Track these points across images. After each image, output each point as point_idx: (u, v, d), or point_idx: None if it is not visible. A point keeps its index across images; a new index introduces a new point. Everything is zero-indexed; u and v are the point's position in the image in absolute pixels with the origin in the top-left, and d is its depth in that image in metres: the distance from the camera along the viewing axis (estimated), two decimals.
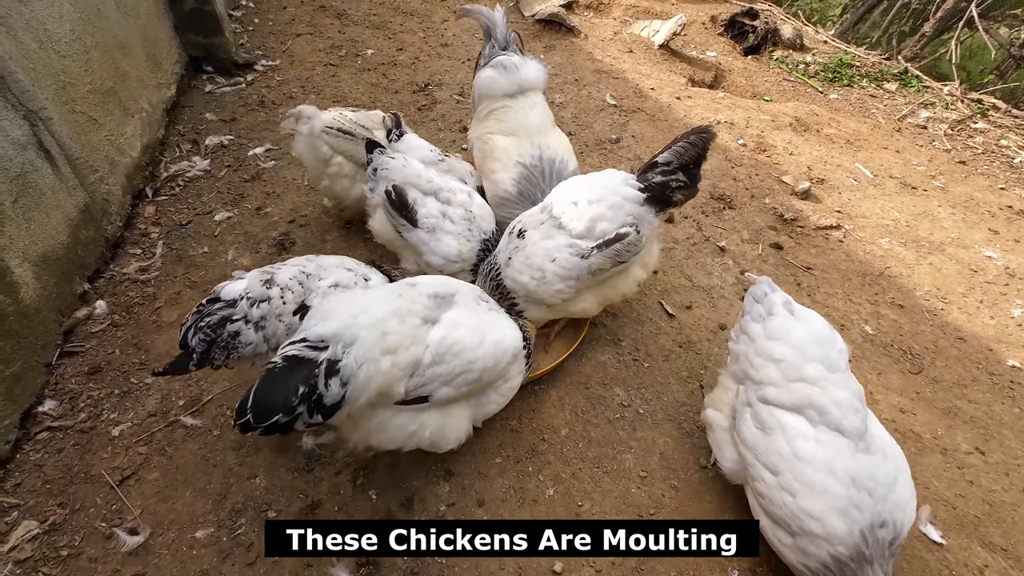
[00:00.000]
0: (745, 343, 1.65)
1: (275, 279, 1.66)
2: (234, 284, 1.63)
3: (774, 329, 1.58)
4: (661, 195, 1.78)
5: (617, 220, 1.78)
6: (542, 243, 1.83)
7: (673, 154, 1.74)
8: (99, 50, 2.62)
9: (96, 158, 2.48)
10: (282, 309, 1.62)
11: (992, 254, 3.01)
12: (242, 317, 1.55)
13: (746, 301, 1.72)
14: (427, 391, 1.48)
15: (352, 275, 1.80)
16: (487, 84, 2.48)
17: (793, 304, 1.64)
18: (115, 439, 1.83)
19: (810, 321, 1.59)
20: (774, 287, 1.69)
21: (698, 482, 1.84)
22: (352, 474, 1.78)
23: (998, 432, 2.08)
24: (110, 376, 2.01)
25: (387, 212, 2.17)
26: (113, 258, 2.50)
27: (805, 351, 1.51)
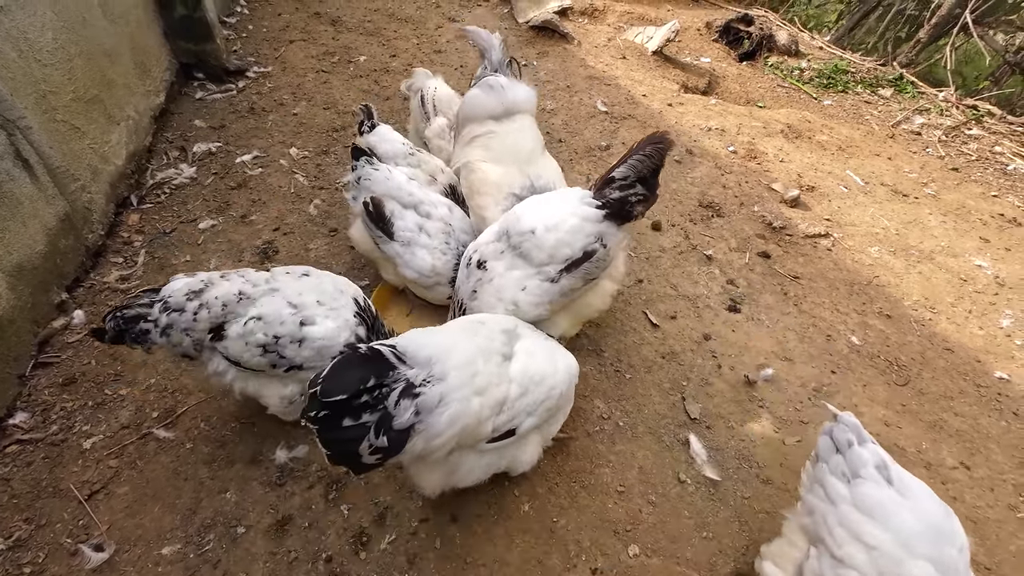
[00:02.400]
0: (822, 499, 1.36)
1: (204, 293, 1.61)
2: (178, 281, 1.65)
3: (866, 501, 1.28)
4: (620, 211, 1.74)
5: (577, 243, 1.73)
6: (508, 274, 1.78)
7: (629, 168, 1.70)
8: (84, 58, 2.62)
9: (78, 167, 2.47)
10: (191, 325, 1.59)
11: (982, 263, 2.98)
12: (153, 321, 1.59)
13: (821, 442, 1.45)
14: (515, 424, 1.46)
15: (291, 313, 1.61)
16: (472, 104, 2.34)
17: (891, 468, 1.32)
18: (86, 452, 1.80)
19: (920, 501, 1.27)
20: (863, 435, 1.39)
21: (676, 497, 1.81)
22: (324, 488, 1.76)
23: (984, 446, 2.05)
24: (84, 387, 1.99)
25: (365, 223, 2.16)
26: (94, 267, 2.49)
27: (910, 544, 1.20)
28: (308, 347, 1.61)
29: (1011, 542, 1.78)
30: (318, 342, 1.61)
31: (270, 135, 3.53)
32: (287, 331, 1.59)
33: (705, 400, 2.13)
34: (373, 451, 1.18)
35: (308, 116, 3.74)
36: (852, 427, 1.41)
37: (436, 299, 2.25)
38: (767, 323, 2.51)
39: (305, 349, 1.60)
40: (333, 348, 1.64)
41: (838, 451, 1.39)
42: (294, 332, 1.60)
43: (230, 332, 1.60)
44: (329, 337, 1.62)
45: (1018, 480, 1.95)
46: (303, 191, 3.10)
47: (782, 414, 2.10)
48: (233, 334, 1.60)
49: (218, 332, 1.60)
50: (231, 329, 1.60)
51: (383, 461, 1.21)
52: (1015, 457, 2.02)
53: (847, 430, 1.41)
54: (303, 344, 1.60)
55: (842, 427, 1.42)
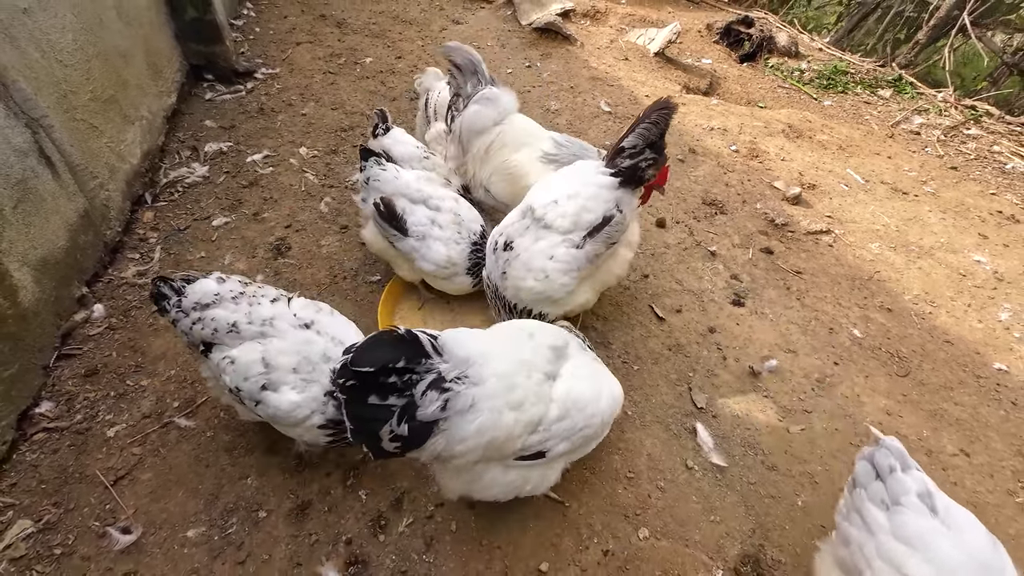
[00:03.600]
0: (860, 529, 1.28)
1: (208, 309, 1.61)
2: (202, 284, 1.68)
3: (908, 531, 1.19)
4: (633, 176, 1.85)
5: (599, 208, 1.84)
6: (535, 246, 1.88)
7: (638, 136, 1.80)
8: (101, 59, 2.68)
9: (96, 164, 2.53)
10: (187, 331, 1.63)
11: (981, 258, 3.03)
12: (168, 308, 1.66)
13: (859, 467, 1.36)
14: (547, 447, 1.40)
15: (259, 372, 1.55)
16: (476, 119, 2.40)
17: (936, 496, 1.24)
18: (110, 440, 1.85)
19: (965, 532, 1.19)
20: (907, 460, 1.30)
21: (684, 482, 1.86)
22: (342, 475, 1.81)
23: (983, 434, 2.10)
24: (106, 378, 2.05)
25: (377, 223, 2.21)
26: (112, 262, 2.54)
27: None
28: (263, 410, 1.58)
29: (1009, 525, 1.83)
30: (271, 410, 1.56)
31: (279, 135, 3.59)
32: (248, 389, 1.56)
33: (711, 390, 2.18)
34: (393, 438, 1.17)
35: (316, 116, 3.80)
36: (895, 452, 1.31)
37: (455, 289, 2.31)
38: (771, 316, 2.56)
39: (261, 410, 1.58)
40: (288, 419, 1.57)
41: (878, 477, 1.30)
42: (253, 392, 1.56)
43: (212, 356, 1.64)
44: (285, 411, 1.54)
45: (1016, 466, 2.00)
46: (314, 189, 3.16)
47: (786, 403, 2.15)
48: (212, 360, 1.64)
49: (206, 352, 1.65)
50: (213, 355, 1.63)
51: (402, 451, 1.21)
52: (1013, 445, 2.07)
53: (889, 455, 1.31)
54: (259, 406, 1.57)
55: (884, 452, 1.32)
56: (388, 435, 1.18)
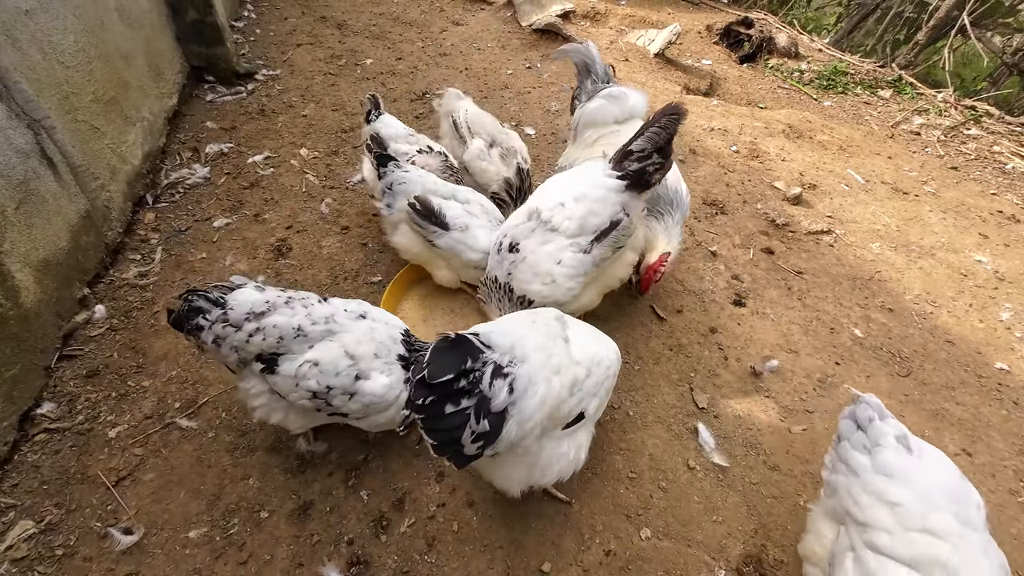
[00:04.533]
0: (845, 475, 1.40)
1: (265, 316, 1.53)
2: (246, 293, 1.56)
3: (888, 464, 1.32)
4: (640, 180, 1.85)
5: (605, 212, 1.84)
6: (542, 249, 1.87)
7: (647, 140, 1.80)
8: (102, 61, 2.69)
9: (98, 166, 2.53)
10: (242, 345, 1.52)
11: (982, 258, 3.04)
12: (209, 323, 1.52)
13: (843, 424, 1.48)
14: (584, 406, 1.50)
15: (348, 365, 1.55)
16: (597, 113, 2.53)
17: (911, 438, 1.37)
18: (111, 441, 1.85)
19: (938, 465, 1.33)
20: (884, 412, 1.43)
21: (686, 483, 1.86)
22: (344, 475, 1.81)
23: (985, 434, 2.10)
24: (108, 379, 2.05)
25: (413, 224, 2.18)
26: (113, 263, 2.55)
27: (932, 499, 1.25)
28: (358, 401, 1.57)
29: (1012, 525, 1.83)
30: (368, 397, 1.57)
31: (280, 136, 3.59)
32: (341, 383, 1.53)
33: (712, 390, 2.18)
34: (475, 438, 1.23)
35: (317, 118, 3.81)
36: (874, 405, 1.45)
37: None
38: (772, 316, 2.56)
39: (355, 402, 1.56)
40: (382, 405, 1.61)
41: (859, 428, 1.43)
42: (348, 385, 1.54)
43: (282, 369, 1.53)
44: (380, 395, 1.57)
45: (1018, 466, 2.00)
46: (314, 190, 3.16)
47: (788, 403, 2.15)
48: (285, 372, 1.53)
49: (271, 365, 1.54)
50: (284, 366, 1.53)
51: (483, 449, 1.25)
52: (1015, 444, 2.07)
53: (868, 408, 1.44)
54: (353, 398, 1.56)
55: (864, 406, 1.46)
56: (470, 437, 1.23)
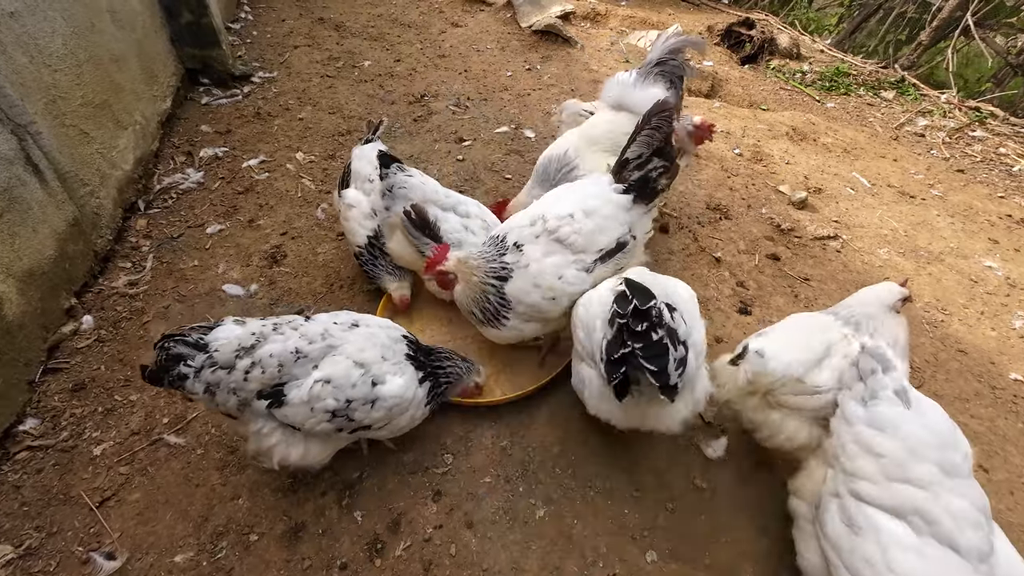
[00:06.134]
0: (838, 423, 1.43)
1: (257, 349, 1.43)
2: (227, 330, 1.46)
3: (879, 418, 1.35)
4: (645, 188, 1.77)
5: (613, 232, 1.77)
6: (545, 260, 1.78)
7: (642, 145, 1.72)
8: (92, 64, 2.63)
9: (87, 172, 2.47)
10: (240, 385, 1.42)
11: (992, 264, 2.97)
12: (195, 369, 1.39)
13: (848, 373, 1.50)
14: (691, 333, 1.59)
15: (361, 374, 1.50)
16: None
17: (910, 392, 1.39)
18: (96, 458, 1.79)
19: (928, 414, 1.35)
20: (889, 363, 1.43)
21: (693, 501, 1.79)
22: (337, 495, 1.74)
23: (1002, 448, 2.03)
24: (94, 393, 1.98)
25: (407, 232, 2.10)
26: (102, 272, 2.48)
27: (917, 450, 1.28)
28: (380, 407, 1.51)
29: None
30: (390, 400, 1.52)
31: (276, 140, 3.53)
32: (360, 394, 1.47)
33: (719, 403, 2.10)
34: (677, 365, 1.33)
35: (314, 121, 3.75)
36: (878, 356, 1.44)
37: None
38: None
39: (377, 410, 1.50)
40: (402, 405, 1.56)
41: (861, 379, 1.44)
42: (367, 394, 1.48)
43: (291, 398, 1.44)
44: (400, 394, 1.53)
45: None
46: (310, 195, 3.10)
47: None
48: (295, 400, 1.44)
49: (276, 398, 1.45)
50: (292, 394, 1.44)
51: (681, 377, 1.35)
52: None
53: (872, 359, 1.44)
54: (375, 405, 1.50)
55: (867, 356, 1.45)
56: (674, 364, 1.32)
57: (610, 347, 1.39)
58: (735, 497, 1.82)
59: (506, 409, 2.01)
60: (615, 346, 1.37)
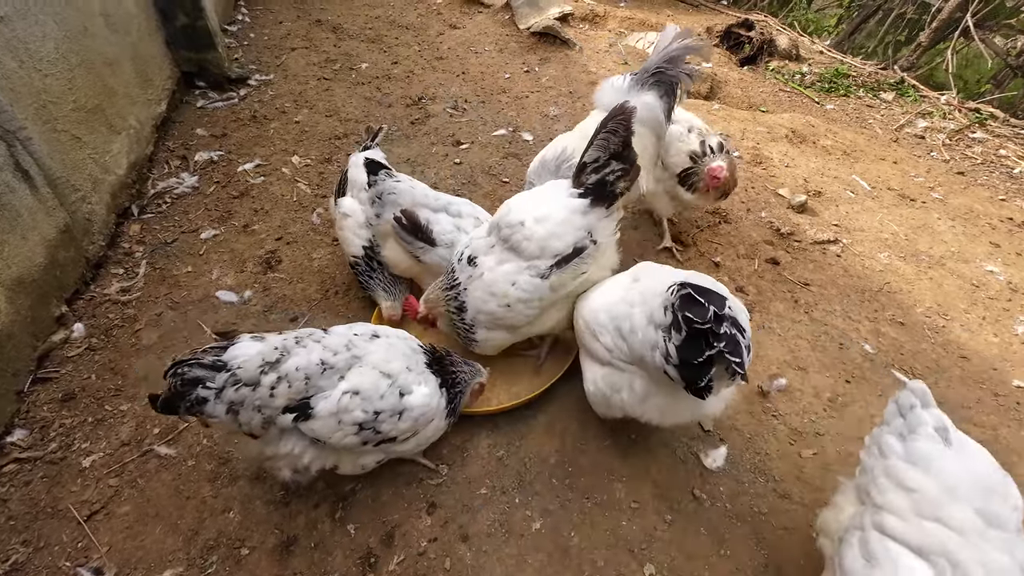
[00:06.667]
0: (875, 457, 1.37)
1: (282, 363, 1.40)
2: (247, 346, 1.41)
3: (916, 453, 1.27)
4: (603, 192, 1.73)
5: (568, 237, 1.73)
6: (499, 268, 1.77)
7: (598, 148, 1.68)
8: (85, 68, 2.60)
9: (79, 177, 2.44)
10: (266, 402, 1.38)
11: (994, 268, 2.94)
12: (216, 389, 1.34)
13: (888, 409, 1.44)
14: None
15: (388, 384, 1.49)
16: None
17: (951, 431, 1.30)
18: (85, 470, 1.76)
19: (971, 456, 1.27)
20: (928, 399, 1.37)
21: (692, 512, 1.76)
22: (331, 507, 1.71)
23: (1007, 459, 1.98)
24: (84, 403, 1.95)
25: (399, 238, 2.09)
26: (94, 278, 2.45)
27: (954, 490, 1.19)
28: (408, 418, 1.50)
29: None
30: (417, 411, 1.51)
31: (272, 143, 3.50)
32: (388, 405, 1.46)
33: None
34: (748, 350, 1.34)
35: (310, 124, 3.72)
36: (918, 392, 1.39)
37: None
38: (778, 331, 2.47)
39: (404, 421, 1.49)
40: (428, 415, 1.54)
41: (901, 415, 1.38)
42: (395, 405, 1.47)
43: (319, 410, 1.41)
44: (426, 404, 1.53)
45: None
46: (306, 199, 3.07)
47: (797, 425, 2.06)
48: (323, 412, 1.41)
49: (303, 411, 1.41)
50: (320, 406, 1.41)
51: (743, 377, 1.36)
52: None
53: (912, 395, 1.39)
54: (403, 416, 1.49)
55: (907, 393, 1.40)
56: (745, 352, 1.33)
57: (687, 351, 1.35)
58: (734, 508, 1.79)
59: (503, 418, 1.98)
60: (694, 350, 1.33)
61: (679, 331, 1.37)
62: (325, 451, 1.50)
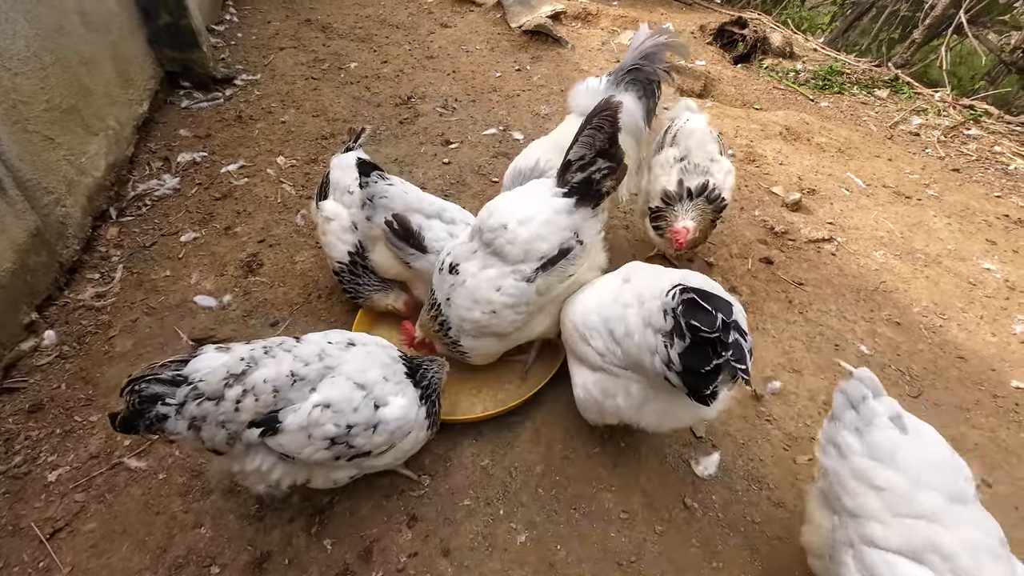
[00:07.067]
0: (834, 458, 1.33)
1: (249, 375, 1.33)
2: (210, 358, 1.34)
3: (877, 446, 1.26)
4: (588, 191, 1.66)
5: (554, 238, 1.66)
6: (483, 274, 1.69)
7: (584, 146, 1.62)
8: (59, 67, 2.53)
9: (52, 179, 2.37)
10: (231, 416, 1.31)
11: (991, 266, 2.90)
12: (177, 405, 1.28)
13: (837, 401, 1.40)
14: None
15: (363, 396, 1.42)
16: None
17: (906, 417, 1.31)
18: (50, 485, 1.68)
19: (924, 437, 1.28)
20: (879, 389, 1.35)
21: (683, 523, 1.70)
22: (307, 521, 1.64)
23: (1005, 460, 1.95)
24: (52, 414, 1.88)
25: (390, 243, 2.02)
26: (68, 284, 2.38)
27: (919, 478, 1.20)
28: (383, 431, 1.43)
29: None
30: (393, 424, 1.44)
31: (257, 144, 3.43)
32: (362, 418, 1.39)
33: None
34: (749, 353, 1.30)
35: (297, 124, 3.65)
36: (868, 381, 1.35)
37: None
38: (772, 332, 2.41)
39: (379, 435, 1.42)
40: (406, 427, 1.47)
41: (852, 407, 1.35)
42: (369, 418, 1.40)
43: (288, 424, 1.33)
44: (403, 416, 1.46)
45: None
46: (290, 201, 3.01)
47: (791, 430, 2.00)
48: (292, 426, 1.33)
49: (270, 424, 1.33)
50: (289, 420, 1.33)
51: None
52: None
53: (862, 385, 1.35)
54: (378, 429, 1.42)
55: (856, 383, 1.36)
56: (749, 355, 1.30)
57: (692, 359, 1.29)
58: (727, 517, 1.73)
59: (488, 425, 1.92)
60: (701, 358, 1.27)
61: (682, 338, 1.30)
62: (296, 466, 1.43)
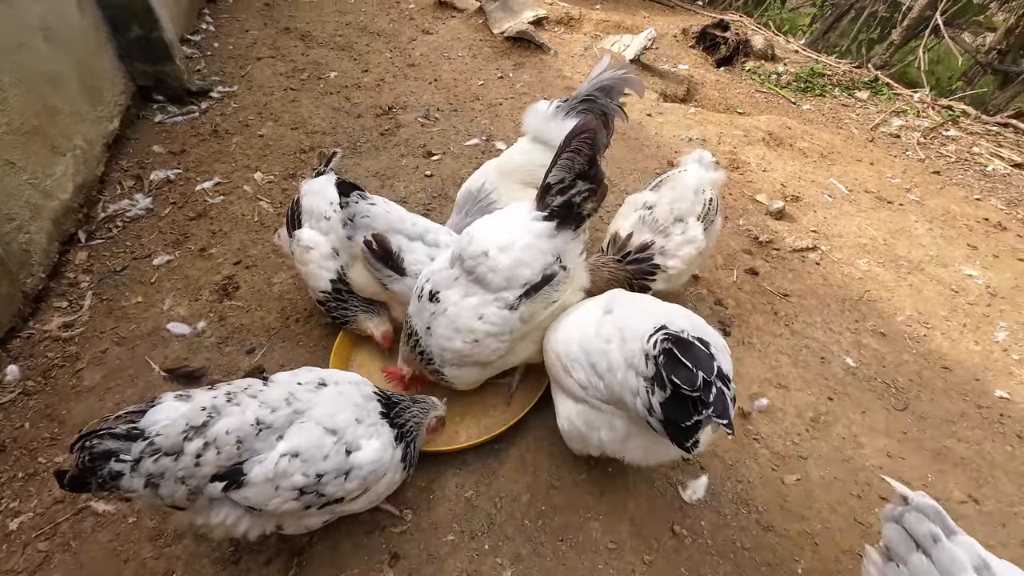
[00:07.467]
0: None
1: (210, 426, 1.26)
2: (169, 408, 1.27)
3: None
4: (569, 215, 1.64)
5: (536, 264, 1.63)
6: (464, 302, 1.65)
7: (562, 169, 1.59)
8: (20, 87, 2.43)
9: (13, 205, 2.27)
10: (191, 472, 1.23)
11: (972, 272, 2.92)
12: (132, 461, 1.19)
13: (890, 533, 1.16)
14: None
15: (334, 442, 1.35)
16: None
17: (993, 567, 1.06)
18: (12, 534, 1.60)
19: None
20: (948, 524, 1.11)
21: (671, 551, 1.67)
22: (284, 564, 1.58)
23: (991, 475, 1.95)
24: (15, 455, 1.79)
25: (368, 263, 1.96)
26: (33, 314, 2.29)
27: None
28: (355, 477, 1.37)
29: None
30: (366, 469, 1.38)
31: (233, 159, 3.35)
32: (333, 465, 1.32)
33: None
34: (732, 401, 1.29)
35: (275, 137, 3.57)
36: (932, 513, 1.11)
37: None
38: (759, 346, 2.40)
39: (352, 481, 1.37)
40: (380, 471, 1.42)
41: (919, 548, 1.10)
42: (340, 465, 1.33)
43: (253, 476, 1.26)
44: (376, 460, 1.40)
45: None
46: (267, 219, 2.93)
47: (779, 449, 1.98)
48: (258, 478, 1.26)
49: (234, 477, 1.26)
50: (254, 472, 1.26)
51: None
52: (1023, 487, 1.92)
53: (925, 518, 1.11)
54: (350, 476, 1.36)
55: (917, 515, 1.12)
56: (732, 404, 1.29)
57: (673, 411, 1.27)
58: (716, 544, 1.70)
59: (472, 453, 1.87)
60: (682, 412, 1.25)
61: (663, 388, 1.27)
62: (264, 517, 1.37)
